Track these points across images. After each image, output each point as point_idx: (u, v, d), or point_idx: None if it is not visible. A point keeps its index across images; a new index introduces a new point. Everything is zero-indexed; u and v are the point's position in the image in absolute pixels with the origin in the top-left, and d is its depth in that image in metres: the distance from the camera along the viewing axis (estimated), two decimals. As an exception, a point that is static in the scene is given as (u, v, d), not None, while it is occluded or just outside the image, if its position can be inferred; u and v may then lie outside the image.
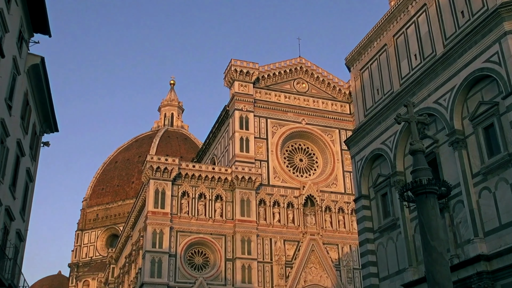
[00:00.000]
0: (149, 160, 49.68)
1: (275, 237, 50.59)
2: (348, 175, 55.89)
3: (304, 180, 54.59)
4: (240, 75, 56.47)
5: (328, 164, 56.56)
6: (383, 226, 24.72)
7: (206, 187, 50.68)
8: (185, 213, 49.20)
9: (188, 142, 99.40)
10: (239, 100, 55.32)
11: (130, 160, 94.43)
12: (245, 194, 50.83)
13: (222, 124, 58.70)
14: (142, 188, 54.72)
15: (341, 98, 60.41)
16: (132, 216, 61.06)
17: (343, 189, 55.34)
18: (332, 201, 53.93)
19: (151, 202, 48.41)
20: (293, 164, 56.41)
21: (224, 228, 49.59)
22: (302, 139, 57.73)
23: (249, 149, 53.49)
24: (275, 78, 58.57)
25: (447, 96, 21.94)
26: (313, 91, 59.85)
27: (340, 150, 57.21)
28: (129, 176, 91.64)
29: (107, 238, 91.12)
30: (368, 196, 26.15)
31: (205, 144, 64.23)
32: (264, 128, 55.54)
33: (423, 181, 13.86)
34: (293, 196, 52.91)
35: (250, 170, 51.44)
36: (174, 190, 49.67)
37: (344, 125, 58.94)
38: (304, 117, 57.65)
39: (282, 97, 57.90)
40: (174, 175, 49.68)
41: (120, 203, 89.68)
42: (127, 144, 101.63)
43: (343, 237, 52.69)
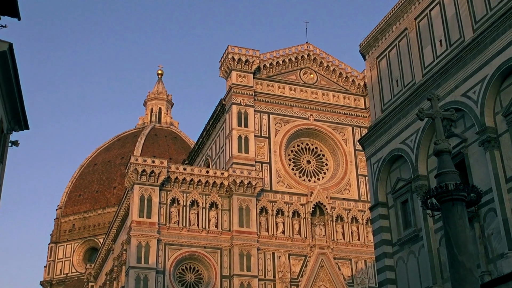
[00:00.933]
0: (133, 162, 49.71)
1: (279, 251, 50.63)
2: (363, 180, 55.89)
3: (312, 185, 54.61)
4: (238, 64, 56.48)
5: (339, 167, 56.57)
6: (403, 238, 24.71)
7: (199, 193, 50.70)
8: (174, 223, 49.22)
9: (178, 142, 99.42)
10: (237, 93, 55.34)
11: (112, 162, 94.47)
12: (244, 202, 50.86)
13: (218, 120, 58.70)
14: (125, 195, 54.72)
15: (355, 91, 60.41)
16: (114, 227, 61.06)
17: (357, 196, 55.35)
18: (344, 210, 53.95)
19: (136, 210, 48.42)
20: (300, 166, 56.42)
21: (220, 240, 49.62)
22: (310, 138, 57.75)
23: (249, 149, 53.51)
24: (278, 67, 58.59)
25: (477, 88, 21.91)
26: (323, 82, 59.85)
27: (354, 150, 57.22)
28: (110, 180, 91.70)
29: (85, 252, 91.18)
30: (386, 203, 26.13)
31: (198, 144, 64.24)
32: (266, 125, 55.56)
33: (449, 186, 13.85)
34: (299, 203, 52.94)
35: (250, 174, 51.48)
36: (162, 197, 49.69)
37: (358, 121, 58.94)
38: (312, 112, 57.67)
39: (286, 90, 57.92)
40: (162, 180, 49.71)
41: (99, 212, 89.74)
42: (108, 143, 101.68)
43: (357, 251, 52.73)
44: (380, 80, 28.18)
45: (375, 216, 26.31)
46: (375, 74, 28.62)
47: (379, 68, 28.43)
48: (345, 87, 60.32)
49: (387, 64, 27.82)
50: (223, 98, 56.84)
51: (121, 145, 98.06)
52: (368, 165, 27.57)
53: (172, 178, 50.32)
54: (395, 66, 27.22)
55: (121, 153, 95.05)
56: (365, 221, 53.77)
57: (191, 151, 67.92)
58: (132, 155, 54.45)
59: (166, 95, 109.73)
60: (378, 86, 28.21)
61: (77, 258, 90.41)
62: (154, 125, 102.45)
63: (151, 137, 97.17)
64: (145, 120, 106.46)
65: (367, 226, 53.27)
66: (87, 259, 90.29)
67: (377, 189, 26.42)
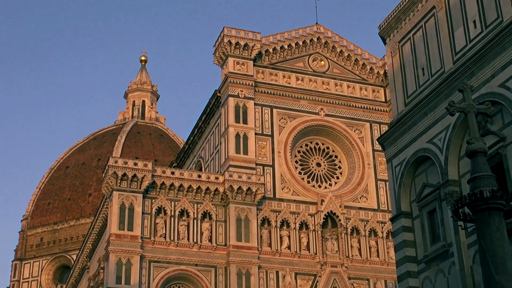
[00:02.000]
0: (112, 164, 49.70)
1: (284, 269, 50.64)
2: (383, 185, 55.88)
3: (323, 192, 54.61)
4: (236, 49, 56.48)
5: (355, 170, 56.57)
6: (430, 254, 24.68)
7: (189, 202, 50.70)
8: (161, 236, 49.20)
9: (165, 140, 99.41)
10: (235, 83, 55.35)
11: (86, 164, 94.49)
12: (242, 211, 50.86)
13: (211, 115, 58.69)
14: (103, 203, 54.72)
15: (373, 81, 60.40)
16: (89, 241, 61.05)
17: (376, 205, 55.35)
18: (361, 221, 53.95)
19: (115, 221, 48.40)
20: (308, 170, 56.42)
21: (214, 257, 49.63)
22: (320, 136, 57.75)
23: (248, 149, 53.52)
24: (283, 53, 58.59)
25: (518, 77, 21.84)
26: (335, 70, 59.84)
27: (372, 151, 57.21)
28: (85, 186, 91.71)
29: (56, 271, 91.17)
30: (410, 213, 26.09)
31: (188, 143, 64.23)
32: (268, 121, 55.56)
33: (484, 193, 13.85)
34: (307, 213, 52.94)
35: (249, 179, 51.48)
36: (146, 206, 49.69)
37: (378, 117, 58.93)
38: (323, 106, 57.67)
39: (293, 79, 57.90)
40: (146, 185, 49.71)
41: (72, 223, 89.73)
42: (82, 142, 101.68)
43: (376, 269, 52.74)
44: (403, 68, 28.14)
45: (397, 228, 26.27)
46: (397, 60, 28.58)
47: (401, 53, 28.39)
48: (362, 76, 60.29)
49: (411, 49, 27.78)
50: (218, 89, 56.82)
51: (98, 144, 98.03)
52: (389, 168, 27.53)
53: (157, 184, 50.31)
54: (420, 51, 27.17)
55: (98, 154, 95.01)
56: (386, 235, 53.75)
57: (180, 152, 67.86)
58: (110, 156, 54.42)
59: (151, 85, 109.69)
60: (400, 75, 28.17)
61: (46, 278, 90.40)
62: (137, 121, 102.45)
63: (133, 135, 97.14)
64: (126, 115, 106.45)
65: (388, 240, 53.25)
66: (58, 278, 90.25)
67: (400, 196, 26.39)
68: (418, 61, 27.30)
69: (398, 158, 26.95)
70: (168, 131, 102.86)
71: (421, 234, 25.38)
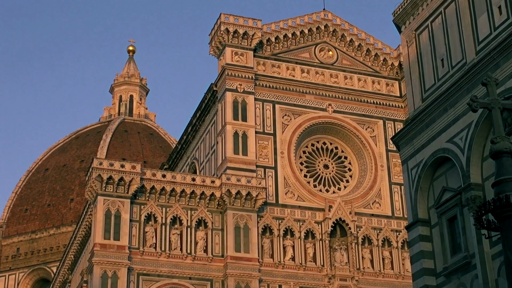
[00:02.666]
0: (97, 166, 49.70)
1: (287, 283, 50.63)
2: (398, 190, 55.87)
3: (331, 197, 54.61)
4: (235, 38, 56.48)
5: (367, 173, 56.57)
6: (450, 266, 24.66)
7: (182, 208, 50.70)
8: (150, 246, 49.21)
9: (156, 140, 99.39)
10: (233, 76, 55.34)
11: (68, 166, 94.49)
12: (241, 218, 50.86)
13: (207, 112, 58.69)
14: (86, 209, 54.71)
15: (387, 73, 60.39)
16: (71, 252, 61.04)
17: (390, 211, 55.34)
18: (373, 229, 53.95)
19: (100, 230, 48.41)
20: (315, 172, 56.42)
21: (210, 269, 49.64)
22: (328, 135, 57.75)
23: (248, 149, 53.52)
24: (287, 42, 58.58)
25: (548, 69, 21.83)
26: (345, 62, 59.83)
27: (386, 151, 57.21)
28: (67, 190, 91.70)
29: (34, 285, 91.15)
30: (428, 221, 26.07)
31: (181, 143, 64.22)
32: (270, 118, 55.57)
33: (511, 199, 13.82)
34: (314, 221, 52.94)
35: (249, 182, 51.49)
36: (134, 212, 49.69)
37: (392, 113, 58.93)
38: (331, 101, 57.66)
39: (297, 72, 57.90)
40: (135, 190, 49.72)
41: (52, 232, 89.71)
42: (63, 142, 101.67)
43: (389, 283, 52.73)
44: (420, 59, 28.12)
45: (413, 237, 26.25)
46: (413, 51, 28.56)
47: (418, 43, 28.36)
48: (375, 68, 60.29)
49: (430, 38, 27.75)
50: (214, 83, 56.82)
51: (81, 144, 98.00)
52: (405, 171, 27.50)
53: (147, 188, 50.30)
54: (439, 40, 27.14)
55: (81, 154, 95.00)
56: (401, 244, 53.77)
57: (172, 153, 67.84)
58: (94, 157, 54.35)
59: (139, 78, 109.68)
60: (417, 67, 28.14)
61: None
62: (124, 118, 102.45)
63: (120, 134, 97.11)
64: (112, 112, 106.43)
65: (403, 251, 53.27)
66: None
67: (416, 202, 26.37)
68: (436, 52, 27.27)
69: (414, 159, 26.93)
70: (158, 129, 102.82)
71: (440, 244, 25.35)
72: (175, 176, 51.70)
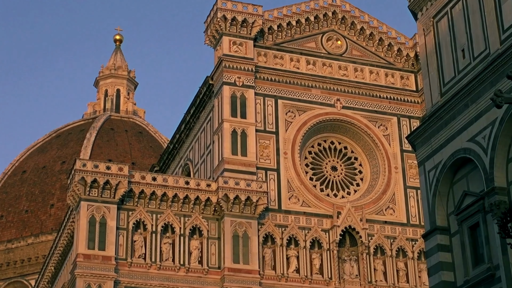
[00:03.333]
0: (80, 168, 49.72)
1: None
2: (414, 194, 55.90)
3: (339, 202, 54.64)
4: (233, 25, 56.48)
5: (379, 176, 56.60)
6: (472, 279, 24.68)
7: (175, 214, 50.72)
8: (139, 257, 49.24)
9: (145, 139, 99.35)
10: (231, 68, 55.35)
11: (48, 168, 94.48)
12: (240, 226, 50.88)
13: (202, 108, 58.70)
14: (68, 216, 54.72)
15: (402, 65, 60.38)
16: (51, 263, 61.05)
17: (405, 218, 55.35)
18: (386, 238, 53.98)
19: (83, 239, 48.42)
20: (322, 175, 56.43)
21: (206, 282, 49.69)
22: (337, 134, 57.75)
23: (247, 150, 53.54)
24: (290, 31, 58.58)
25: None
26: (355, 52, 59.84)
27: (400, 151, 57.22)
28: (46, 195, 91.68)
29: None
30: (447, 229, 26.08)
31: (174, 142, 64.21)
32: (272, 115, 55.57)
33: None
34: (321, 229, 52.97)
35: (249, 186, 51.51)
36: (121, 219, 49.71)
37: (407, 109, 58.93)
38: (340, 96, 57.66)
39: (302, 63, 57.92)
40: (122, 194, 49.73)
41: (30, 241, 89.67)
42: (42, 141, 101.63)
43: (404, 297, 52.82)
44: (438, 49, 28.11)
45: (431, 247, 26.27)
46: (431, 40, 28.56)
47: (437, 31, 28.35)
48: (388, 60, 60.29)
49: (449, 26, 27.75)
50: (210, 76, 56.83)
51: (62, 143, 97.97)
52: (421, 173, 27.51)
53: (135, 192, 50.33)
54: (460, 28, 27.14)
55: (62, 155, 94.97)
56: (417, 255, 53.78)
57: (164, 153, 67.83)
58: (77, 158, 54.44)
59: (127, 71, 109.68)
60: (435, 59, 28.13)
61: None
62: (110, 115, 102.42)
63: (106, 132, 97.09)
64: (97, 108, 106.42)
65: (420, 262, 53.28)
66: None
67: (434, 208, 26.37)
68: (457, 41, 27.27)
69: (432, 161, 26.95)
70: (148, 127, 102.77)
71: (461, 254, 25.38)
72: (167, 179, 51.71)
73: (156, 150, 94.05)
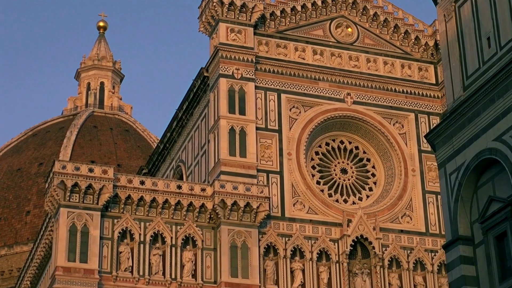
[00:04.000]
0: (59, 170, 49.71)
1: (296, 315, 50.80)
2: (433, 200, 55.93)
3: (350, 208, 54.67)
4: (230, 11, 56.47)
5: (395, 179, 56.61)
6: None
7: (165, 222, 50.73)
8: (126, 270, 49.26)
9: (133, 138, 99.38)
10: (228, 59, 55.39)
11: (23, 171, 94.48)
12: (239, 236, 50.89)
13: (196, 103, 58.72)
14: (46, 224, 54.70)
15: (420, 55, 60.38)
16: (27, 277, 61.04)
17: (424, 226, 55.38)
18: (402, 249, 53.99)
19: (63, 250, 48.41)
20: (330, 178, 56.44)
21: (200, 298, 49.77)
22: (347, 132, 57.78)
23: (247, 150, 53.56)
24: (295, 16, 58.57)
25: None
26: (368, 41, 59.84)
27: (418, 152, 57.25)
28: (21, 200, 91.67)
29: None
30: (470, 238, 26.07)
31: (164, 142, 64.24)
32: (274, 111, 55.61)
33: None
34: (329, 239, 53.00)
35: (249, 190, 51.52)
36: (105, 228, 49.72)
37: (426, 105, 58.97)
38: (351, 90, 57.70)
39: (308, 53, 57.94)
40: (106, 200, 49.73)
41: (4, 252, 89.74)
42: (17, 141, 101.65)
43: (423, 315, 52.88)
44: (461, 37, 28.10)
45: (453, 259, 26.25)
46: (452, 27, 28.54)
47: (459, 17, 28.33)
48: (405, 49, 60.30)
49: (473, 12, 27.72)
50: (205, 67, 56.86)
51: (39, 143, 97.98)
52: (442, 176, 27.49)
53: (121, 198, 50.34)
54: (485, 14, 27.11)
55: (39, 156, 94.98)
56: (437, 268, 53.83)
57: (153, 154, 67.84)
58: (56, 159, 54.33)
59: (112, 61, 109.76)
60: (458, 48, 28.12)
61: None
62: (93, 111, 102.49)
63: (88, 130, 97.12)
64: (78, 103, 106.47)
65: (440, 276, 53.36)
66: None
67: (457, 215, 26.37)
68: (481, 28, 27.26)
69: (454, 162, 26.94)
70: (136, 124, 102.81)
71: (486, 267, 25.38)
72: (157, 183, 51.68)
73: (144, 150, 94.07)
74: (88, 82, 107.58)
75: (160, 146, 65.91)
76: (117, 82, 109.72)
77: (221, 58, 55.26)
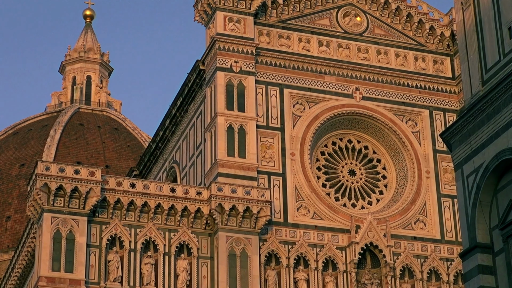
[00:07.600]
0: (42, 172, 49.71)
1: (300, 330, 50.91)
2: (449, 204, 55.97)
3: (358, 213, 54.74)
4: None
5: (407, 181, 56.67)
6: (520, 307, 24.72)
7: (158, 229, 50.78)
8: (115, 281, 49.32)
9: (122, 136, 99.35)
10: (226, 50, 55.44)
11: (3, 172, 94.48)
12: (237, 243, 50.95)
13: (191, 99, 58.80)
14: (28, 230, 54.76)
15: (435, 47, 60.42)
16: (8, 287, 61.07)
17: (439, 233, 55.45)
18: (415, 257, 54.05)
19: (46, 258, 48.44)
20: (337, 181, 56.50)
21: (195, 311, 49.86)
22: (355, 130, 57.86)
23: (247, 150, 53.63)
24: (299, 5, 58.59)
25: None
26: (378, 31, 59.87)
27: (433, 152, 57.31)
28: (1, 205, 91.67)
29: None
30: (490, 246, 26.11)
31: (157, 141, 64.27)
32: (276, 108, 55.67)
33: None
34: (335, 246, 53.04)
35: (249, 194, 51.56)
36: (92, 235, 49.77)
37: (441, 101, 59.05)
38: (359, 84, 57.77)
39: (313, 44, 57.99)
40: (94, 204, 49.77)
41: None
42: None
43: (438, 330, 53.02)
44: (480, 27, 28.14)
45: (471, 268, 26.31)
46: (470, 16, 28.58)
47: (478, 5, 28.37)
48: (418, 40, 60.33)
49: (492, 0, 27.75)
50: (201, 60, 56.89)
51: (20, 142, 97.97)
52: (458, 179, 27.54)
53: (110, 202, 50.38)
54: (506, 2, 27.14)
55: (20, 156, 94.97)
56: (453, 278, 53.91)
57: (144, 154, 67.89)
58: (39, 160, 54.29)
59: (100, 53, 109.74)
60: (476, 39, 28.16)
61: None
62: (79, 108, 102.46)
63: (74, 129, 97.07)
64: (63, 99, 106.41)
65: (457, 286, 53.38)
66: None
67: (474, 221, 26.42)
68: (502, 17, 27.29)
69: (472, 163, 26.98)
70: (125, 122, 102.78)
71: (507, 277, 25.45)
72: (148, 185, 51.73)
73: (135, 150, 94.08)
74: (73, 76, 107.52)
75: (152, 145, 65.95)
76: (105, 76, 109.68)
77: (218, 50, 55.28)
